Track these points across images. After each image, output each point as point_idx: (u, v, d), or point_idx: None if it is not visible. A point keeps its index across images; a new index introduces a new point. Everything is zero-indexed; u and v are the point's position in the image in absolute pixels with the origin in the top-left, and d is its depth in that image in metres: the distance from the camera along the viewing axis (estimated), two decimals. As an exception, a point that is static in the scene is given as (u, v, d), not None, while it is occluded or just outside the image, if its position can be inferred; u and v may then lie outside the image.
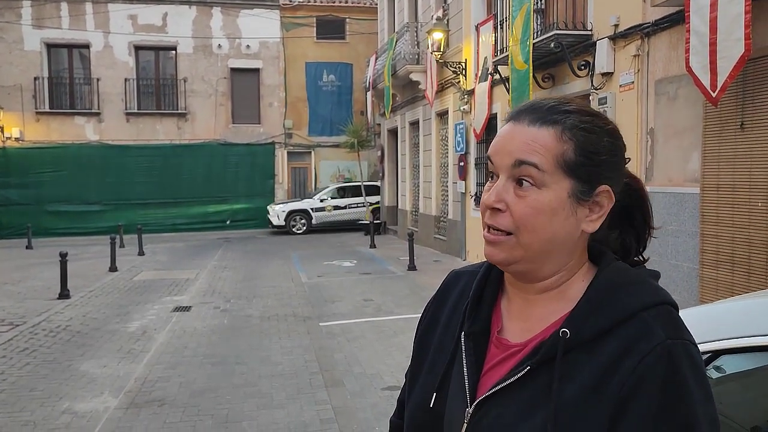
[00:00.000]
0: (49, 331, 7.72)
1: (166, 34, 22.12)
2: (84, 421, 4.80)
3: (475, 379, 1.00)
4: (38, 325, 8.07)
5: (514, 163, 0.95)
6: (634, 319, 0.92)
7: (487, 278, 1.08)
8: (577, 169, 0.95)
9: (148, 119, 22.30)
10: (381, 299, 9.49)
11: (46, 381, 5.79)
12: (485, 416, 0.96)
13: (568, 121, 0.97)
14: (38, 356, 6.63)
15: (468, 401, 0.98)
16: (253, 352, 6.76)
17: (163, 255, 15.65)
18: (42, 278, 11.82)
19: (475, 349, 1.03)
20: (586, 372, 0.91)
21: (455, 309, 1.11)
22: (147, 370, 6.11)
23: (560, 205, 0.95)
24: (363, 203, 20.59)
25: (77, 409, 5.05)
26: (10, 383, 5.72)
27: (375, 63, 18.87)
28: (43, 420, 4.82)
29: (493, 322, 1.05)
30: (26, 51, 21.31)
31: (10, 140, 21.10)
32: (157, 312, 8.88)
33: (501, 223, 0.96)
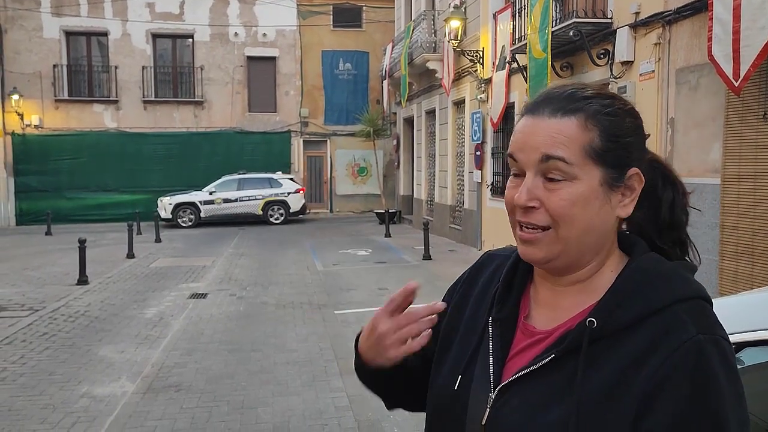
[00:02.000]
0: (68, 317, 7.82)
1: (183, 22, 22.17)
2: (102, 405, 4.86)
3: (500, 364, 1.00)
4: (57, 310, 8.17)
5: (541, 158, 0.93)
6: (665, 313, 0.90)
7: (517, 266, 1.08)
8: (605, 155, 0.94)
9: (165, 107, 22.41)
10: (396, 288, 9.34)
11: (65, 365, 5.87)
12: (508, 402, 0.95)
13: (590, 108, 0.94)
14: (57, 341, 6.71)
15: (491, 386, 0.98)
16: (269, 339, 6.79)
17: (180, 242, 15.76)
18: (61, 264, 11.97)
19: (502, 334, 1.02)
20: (613, 364, 0.89)
21: (484, 292, 1.11)
22: (164, 356, 6.17)
23: (593, 194, 0.93)
24: (256, 196, 19.97)
25: (95, 393, 5.11)
26: (30, 367, 5.81)
27: (391, 51, 18.80)
28: (62, 403, 4.89)
29: (521, 308, 1.04)
30: (45, 38, 21.47)
31: (30, 127, 21.32)
32: (174, 298, 8.96)
33: (538, 219, 0.94)
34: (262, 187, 20.18)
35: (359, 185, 23.67)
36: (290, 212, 20.20)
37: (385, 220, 16.75)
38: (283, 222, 20.01)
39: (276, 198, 20.14)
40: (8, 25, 21.25)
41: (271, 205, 20.11)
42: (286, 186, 20.35)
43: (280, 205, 20.20)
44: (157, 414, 4.70)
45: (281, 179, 20.49)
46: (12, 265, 12.08)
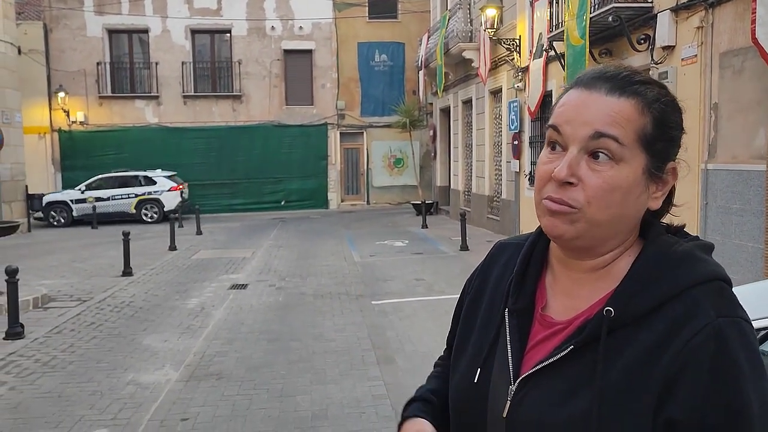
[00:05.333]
0: (114, 307, 8.05)
1: (221, 18, 22.45)
2: (147, 392, 5.01)
3: (518, 356, 0.99)
4: (104, 300, 8.41)
5: (593, 134, 0.91)
6: (683, 297, 0.89)
7: (532, 253, 1.06)
8: (654, 144, 0.92)
9: (204, 101, 22.77)
10: (432, 279, 9.50)
11: (111, 354, 6.05)
12: (528, 394, 0.95)
13: (649, 94, 0.93)
14: (104, 330, 6.92)
15: (511, 379, 0.98)
16: (307, 329, 6.88)
17: (220, 234, 16.04)
18: (107, 256, 12.30)
19: (519, 326, 1.01)
20: (632, 352, 0.89)
21: (499, 283, 1.10)
22: (205, 345, 6.31)
23: (635, 182, 0.92)
24: (129, 195, 19.40)
25: (141, 381, 5.27)
26: (79, 355, 6.01)
27: (427, 42, 18.72)
28: (109, 390, 5.05)
29: (538, 298, 1.03)
30: (89, 37, 22.00)
31: (75, 124, 21.92)
32: (215, 289, 9.13)
33: (572, 198, 0.91)
34: (135, 185, 19.61)
35: (396, 177, 23.69)
36: (165, 210, 19.10)
37: (421, 212, 16.74)
38: (157, 221, 19.08)
39: (149, 196, 19.46)
40: (53, 25, 21.84)
41: (144, 204, 19.46)
42: (160, 184, 19.58)
43: (154, 203, 19.49)
44: (199, 401, 4.82)
45: (156, 177, 19.72)
46: (61, 257, 12.47)
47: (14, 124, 17.66)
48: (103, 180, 19.71)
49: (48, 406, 4.74)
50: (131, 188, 19.52)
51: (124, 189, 19.50)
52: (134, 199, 19.42)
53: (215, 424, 4.41)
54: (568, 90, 0.98)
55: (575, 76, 1.01)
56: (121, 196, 19.41)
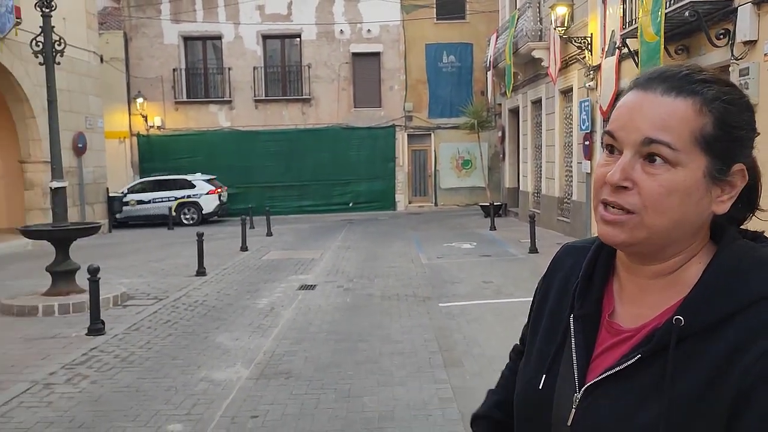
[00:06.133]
0: (188, 306, 8.32)
1: (291, 23, 22.91)
2: (219, 388, 5.15)
3: (584, 363, 0.97)
4: (179, 299, 8.71)
5: (644, 140, 0.88)
6: (757, 307, 0.84)
7: (598, 257, 1.03)
8: (714, 145, 0.88)
9: (274, 105, 23.28)
10: (501, 281, 9.37)
11: (185, 351, 6.25)
12: (594, 403, 0.92)
13: (708, 93, 0.88)
14: (179, 328, 7.16)
15: (576, 386, 0.95)
16: (374, 330, 6.91)
17: (290, 236, 16.34)
18: (181, 256, 12.73)
19: (585, 332, 0.99)
20: (703, 363, 0.85)
21: (565, 287, 1.07)
22: (275, 344, 6.43)
23: (695, 185, 0.88)
24: (169, 198, 19.85)
25: (213, 378, 5.42)
26: (155, 351, 6.24)
27: (496, 42, 18.50)
28: (184, 386, 5.22)
29: (605, 304, 1.00)
30: (165, 44, 22.89)
31: (153, 128, 22.85)
32: (284, 290, 9.30)
33: (627, 202, 0.89)
34: (175, 189, 20.07)
35: (464, 178, 23.53)
36: (203, 213, 19.86)
37: (490, 213, 16.55)
38: (196, 223, 19.40)
39: (188, 199, 19.96)
40: (132, 34, 22.83)
41: (183, 207, 19.95)
42: (199, 187, 20.11)
43: (193, 206, 19.98)
44: (269, 399, 4.92)
45: (195, 180, 20.24)
46: (139, 257, 13.00)
47: (96, 129, 18.56)
48: (145, 183, 20.44)
49: (126, 399, 4.94)
50: (171, 191, 20.06)
51: (165, 192, 20.06)
52: (174, 202, 19.93)
53: (284, 422, 4.49)
54: (626, 91, 0.94)
55: (647, 74, 0.97)
56: (161, 199, 19.95)
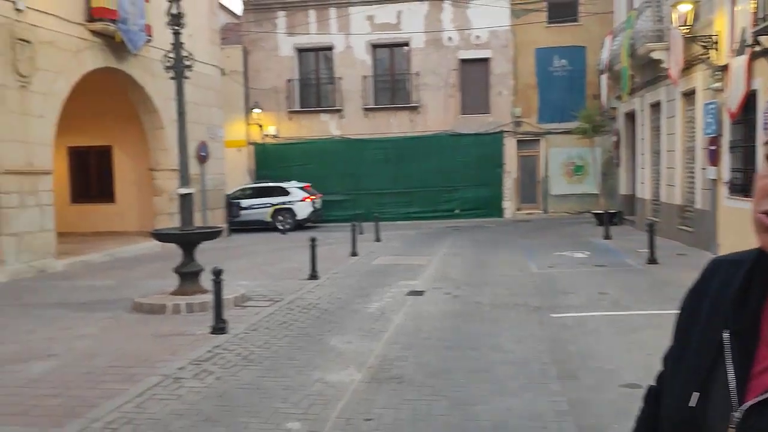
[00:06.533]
0: (302, 308, 8.60)
1: (400, 31, 23.21)
2: (334, 390, 5.28)
3: (742, 381, 0.91)
4: (293, 302, 9.02)
5: None
6: None
7: (754, 271, 0.97)
8: None
9: (383, 113, 23.65)
10: (617, 293, 8.99)
11: (301, 352, 6.46)
12: (756, 425, 0.87)
13: None
14: (294, 330, 7.42)
15: (734, 405, 0.90)
16: (485, 338, 6.84)
17: (397, 242, 16.50)
18: (294, 260, 13.17)
19: (741, 348, 0.93)
20: None
21: (717, 302, 1.01)
22: (386, 349, 6.51)
23: None
24: (266, 204, 20.52)
25: (328, 379, 5.56)
26: (273, 351, 6.49)
27: (611, 43, 17.85)
28: (300, 386, 5.39)
29: (763, 319, 0.94)
30: (281, 57, 23.87)
31: (268, 137, 23.87)
32: (394, 295, 9.40)
33: None
34: (272, 196, 20.68)
35: (575, 185, 22.82)
36: (297, 219, 20.43)
37: (603, 222, 15.93)
38: (291, 229, 20.04)
39: (283, 206, 20.56)
40: (251, 47, 23.97)
41: (279, 213, 20.55)
42: (293, 194, 20.71)
43: (287, 212, 20.55)
44: (382, 403, 4.98)
45: (290, 188, 20.87)
46: (254, 260, 13.59)
47: (217, 138, 19.63)
48: (245, 190, 21.31)
49: (248, 396, 5.17)
50: (268, 198, 20.90)
51: (263, 199, 20.92)
52: (270, 209, 20.76)
53: (397, 426, 4.53)
54: None
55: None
56: (260, 205, 20.83)
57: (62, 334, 7.31)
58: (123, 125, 17.91)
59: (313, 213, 20.91)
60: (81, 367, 5.97)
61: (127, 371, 5.80)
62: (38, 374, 5.75)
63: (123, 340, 7.00)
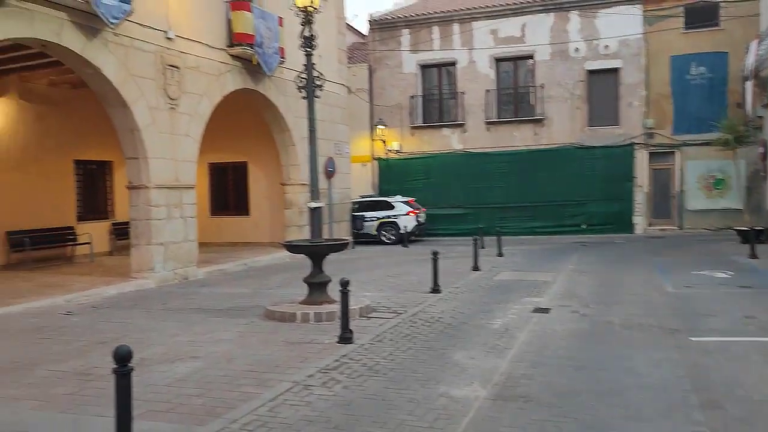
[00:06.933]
0: (425, 321, 8.64)
1: (524, 44, 22.90)
2: (458, 405, 5.25)
3: None
4: (416, 315, 9.08)
5: None
6: None
7: None
8: None
9: (505, 127, 23.40)
10: (767, 318, 8.28)
11: (424, 365, 6.49)
12: None
13: None
14: (417, 342, 7.46)
15: None
16: (616, 360, 6.53)
17: (520, 257, 16.17)
18: (416, 273, 13.28)
19: None
20: None
21: None
22: (511, 366, 6.39)
23: None
24: (373, 218, 21.26)
25: (452, 394, 5.54)
26: (398, 363, 6.57)
27: (757, 48, 16.61)
28: (424, 399, 5.42)
29: None
30: (404, 73, 24.31)
31: (391, 152, 24.34)
32: (518, 312, 9.21)
33: None
34: (378, 209, 21.39)
35: (715, 199, 21.32)
36: (401, 233, 20.88)
37: (748, 239, 14.75)
38: (394, 243, 20.80)
39: (388, 220, 21.25)
40: (376, 65, 24.60)
41: (384, 226, 21.28)
42: (398, 208, 21.38)
43: (392, 226, 21.25)
44: (507, 421, 4.89)
45: (395, 201, 21.58)
46: (378, 272, 13.84)
47: (344, 154, 20.27)
48: (355, 204, 21.73)
49: (374, 406, 5.26)
50: (376, 212, 21.44)
51: (372, 212, 21.45)
52: (376, 222, 21.32)
53: (524, 446, 4.43)
54: None
55: None
56: (369, 218, 21.44)
57: (203, 338, 7.82)
58: (257, 142, 18.98)
59: (416, 227, 21.32)
60: (220, 369, 6.35)
61: (261, 376, 6.10)
62: (183, 375, 6.19)
63: (257, 345, 7.37)
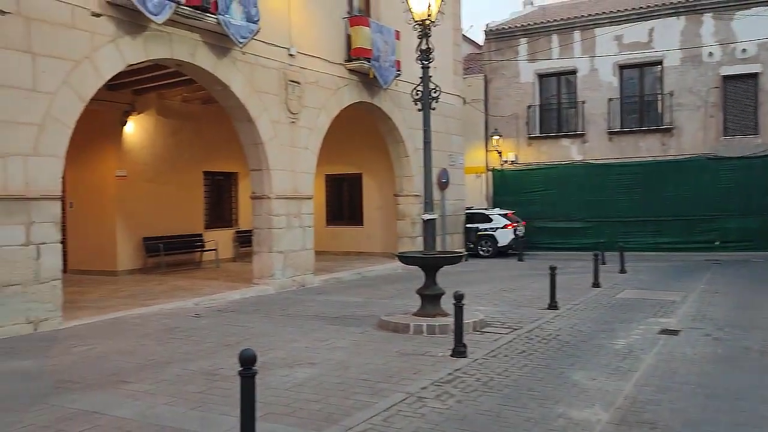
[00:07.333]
0: (541, 338, 8.37)
1: (652, 50, 21.83)
2: (579, 428, 5.02)
3: None
4: (532, 331, 8.82)
5: None
6: None
7: None
8: None
9: (630, 137, 22.37)
10: None
11: (541, 384, 6.27)
12: None
13: None
14: (534, 360, 7.24)
15: None
16: (754, 389, 6.01)
17: (645, 274, 15.34)
18: (532, 288, 12.93)
19: None
20: None
21: None
22: (636, 390, 6.04)
23: None
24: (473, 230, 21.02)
25: (571, 416, 5.31)
26: (513, 380, 6.40)
27: None
28: (542, 419, 5.23)
29: None
30: (521, 83, 23.89)
31: (506, 163, 23.98)
32: (642, 332, 8.73)
33: None
34: (477, 222, 21.17)
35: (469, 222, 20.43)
36: (498, 246, 20.92)
37: None
38: (491, 256, 20.62)
39: (486, 232, 21.10)
40: (492, 76, 24.37)
41: (482, 239, 21.14)
42: (495, 221, 21.17)
43: (489, 239, 21.11)
44: (632, 449, 4.61)
45: (492, 215, 21.39)
46: (493, 286, 13.61)
47: (457, 165, 20.19)
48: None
49: (489, 423, 5.14)
50: (475, 224, 21.19)
51: (471, 225, 21.12)
52: (474, 235, 21.09)
53: (651, 477, 4.15)
54: None
55: None
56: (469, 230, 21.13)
57: (320, 344, 8.01)
58: (370, 154, 19.33)
59: (514, 240, 20.96)
60: (336, 377, 6.47)
61: (376, 385, 6.14)
62: (301, 380, 6.36)
63: (371, 355, 7.45)
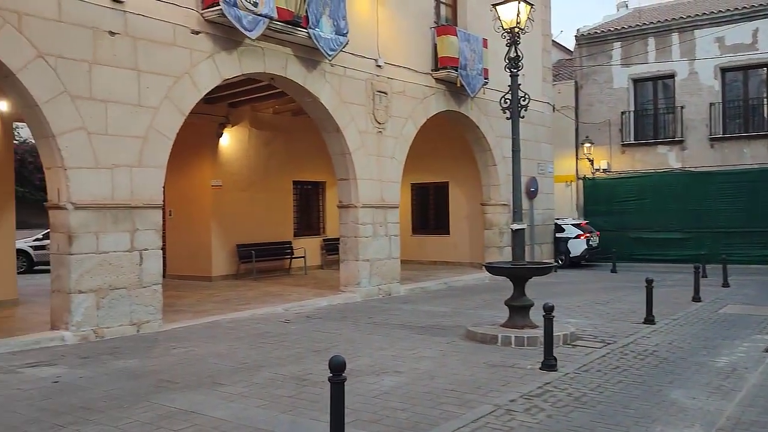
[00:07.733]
0: (637, 354, 8.04)
1: (757, 51, 20.60)
2: (677, 449, 4.79)
3: None
4: (627, 346, 8.48)
5: None
6: None
7: None
8: None
9: (733, 143, 21.19)
10: None
11: (637, 401, 6.02)
12: None
13: None
14: (629, 376, 6.96)
15: None
16: None
17: (752, 288, 14.44)
18: (626, 301, 12.45)
19: None
20: None
21: None
22: (739, 411, 5.69)
23: None
24: None
25: (669, 436, 5.08)
26: (606, 396, 6.17)
27: None
28: (638, 438, 5.02)
29: None
30: (614, 89, 23.14)
31: (599, 172, 23.24)
32: (747, 350, 8.22)
33: None
34: None
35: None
36: (570, 257, 20.38)
37: None
38: (563, 266, 20.00)
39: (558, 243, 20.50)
40: (583, 82, 23.74)
41: None
42: (567, 231, 20.60)
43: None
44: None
45: (564, 224, 20.73)
46: (584, 298, 13.20)
47: (547, 174, 19.76)
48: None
49: (580, 440, 5.00)
50: None
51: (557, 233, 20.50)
52: None
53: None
54: None
55: None
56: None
57: (406, 353, 8.03)
58: (456, 163, 19.24)
59: (587, 250, 20.44)
60: (423, 386, 6.47)
61: (463, 396, 6.09)
62: (388, 388, 6.40)
63: (458, 365, 7.39)
